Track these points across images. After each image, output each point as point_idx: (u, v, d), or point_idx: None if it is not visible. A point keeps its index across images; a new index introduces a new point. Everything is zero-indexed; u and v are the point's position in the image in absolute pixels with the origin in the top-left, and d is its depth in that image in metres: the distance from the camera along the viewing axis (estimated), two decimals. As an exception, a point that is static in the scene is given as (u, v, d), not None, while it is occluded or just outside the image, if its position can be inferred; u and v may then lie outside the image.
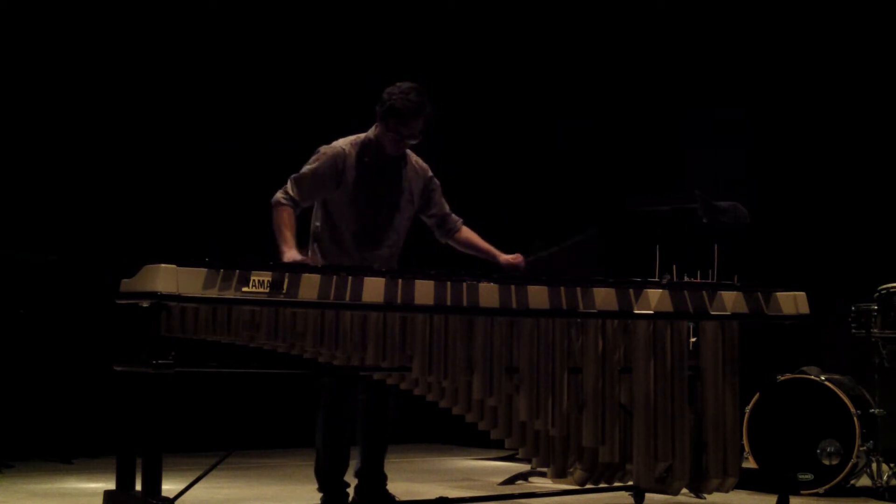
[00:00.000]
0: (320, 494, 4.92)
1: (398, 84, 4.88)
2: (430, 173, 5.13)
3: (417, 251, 5.29)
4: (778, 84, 7.77)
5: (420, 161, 5.11)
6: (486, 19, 8.74)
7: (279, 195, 4.86)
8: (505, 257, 5.07)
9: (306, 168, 4.92)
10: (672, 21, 8.25)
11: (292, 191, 4.86)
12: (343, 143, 4.96)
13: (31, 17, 7.42)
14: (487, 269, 4.96)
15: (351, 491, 4.96)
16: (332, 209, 4.92)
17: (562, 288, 4.51)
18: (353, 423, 4.95)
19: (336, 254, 4.89)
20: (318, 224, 4.98)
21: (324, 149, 4.95)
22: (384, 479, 5.04)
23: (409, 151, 5.04)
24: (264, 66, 8.12)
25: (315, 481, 4.93)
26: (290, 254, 4.66)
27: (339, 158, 4.89)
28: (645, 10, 8.35)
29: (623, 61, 8.46)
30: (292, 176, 4.91)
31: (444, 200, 5.16)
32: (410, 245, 5.14)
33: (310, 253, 4.93)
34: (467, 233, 5.18)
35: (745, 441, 5.94)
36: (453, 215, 5.18)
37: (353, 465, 5.00)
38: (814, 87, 7.63)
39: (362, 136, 4.97)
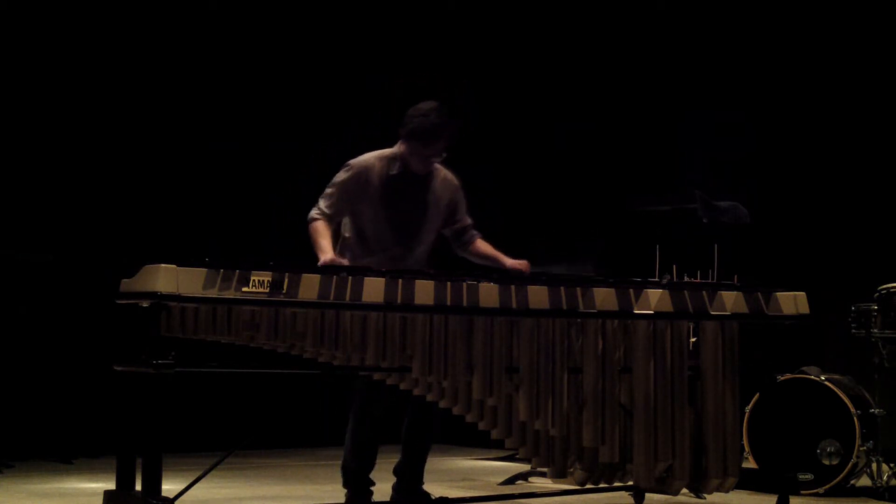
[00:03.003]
0: (344, 491, 5.02)
1: (420, 105, 4.95)
2: (459, 187, 5.17)
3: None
4: (778, 85, 7.77)
5: (450, 175, 5.16)
6: (485, 22, 8.74)
7: (311, 212, 4.95)
8: (511, 262, 5.07)
9: (334, 181, 5.00)
10: (671, 23, 8.24)
11: (322, 204, 4.95)
12: (370, 156, 5.04)
13: (31, 17, 7.42)
14: (487, 269, 4.96)
15: (376, 490, 5.04)
16: (360, 221, 4.99)
17: (562, 288, 4.51)
18: (381, 424, 5.00)
19: (365, 263, 4.92)
20: (347, 235, 5.07)
21: (351, 162, 5.03)
22: (421, 478, 5.12)
23: (438, 165, 5.09)
24: (264, 66, 8.12)
25: (309, 481, 4.95)
26: (325, 257, 4.72)
27: (364, 171, 4.97)
28: (644, 12, 8.35)
29: (623, 64, 8.45)
30: (324, 192, 5.00)
31: (466, 215, 5.20)
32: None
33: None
34: (481, 244, 5.20)
35: (745, 441, 5.94)
36: (473, 230, 5.21)
37: (378, 463, 5.07)
38: (813, 88, 7.63)
39: (389, 151, 5.04)
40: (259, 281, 4.05)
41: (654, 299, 4.66)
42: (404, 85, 7.40)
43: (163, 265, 3.94)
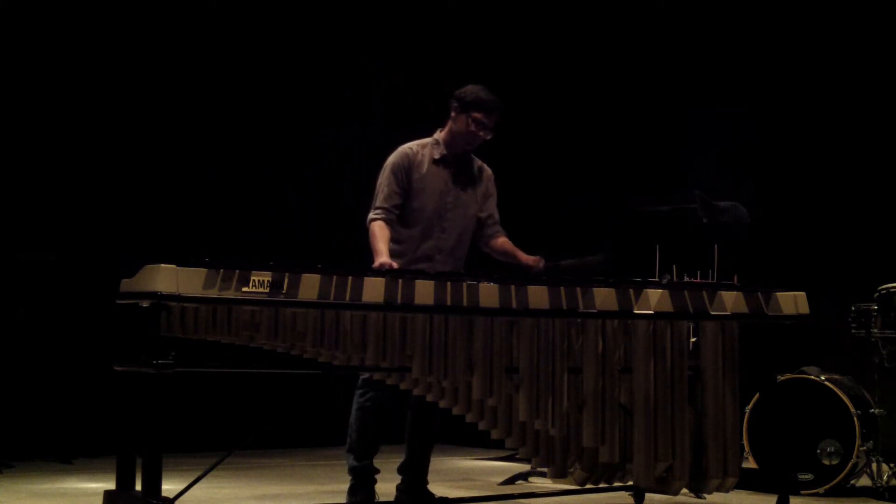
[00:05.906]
0: (346, 487, 5.06)
1: (469, 85, 5.12)
2: (492, 177, 5.31)
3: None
4: (778, 86, 7.77)
5: (485, 165, 5.31)
6: (487, 20, 8.74)
7: (369, 215, 5.03)
8: (525, 258, 5.17)
9: (382, 172, 5.11)
10: (672, 23, 8.24)
11: (377, 200, 5.04)
12: (410, 143, 5.17)
13: (31, 17, 7.41)
14: (487, 268, 4.96)
15: (379, 490, 5.07)
16: (405, 208, 5.08)
17: (562, 288, 4.51)
18: (383, 408, 5.05)
19: (405, 246, 5.03)
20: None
21: (395, 151, 5.14)
22: (426, 477, 5.17)
23: (473, 155, 5.24)
24: (265, 66, 8.12)
25: (309, 481, 4.96)
26: (380, 260, 4.80)
27: (409, 154, 5.11)
28: (645, 12, 8.35)
29: (623, 64, 8.45)
30: (375, 192, 5.10)
31: (496, 208, 5.30)
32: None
33: None
34: (504, 241, 5.27)
35: (745, 441, 5.94)
36: (499, 226, 5.29)
37: (383, 463, 5.12)
38: (813, 89, 7.63)
39: (429, 138, 5.18)
40: (259, 281, 4.05)
41: (654, 299, 4.66)
42: (405, 85, 7.39)
43: (163, 265, 3.94)
